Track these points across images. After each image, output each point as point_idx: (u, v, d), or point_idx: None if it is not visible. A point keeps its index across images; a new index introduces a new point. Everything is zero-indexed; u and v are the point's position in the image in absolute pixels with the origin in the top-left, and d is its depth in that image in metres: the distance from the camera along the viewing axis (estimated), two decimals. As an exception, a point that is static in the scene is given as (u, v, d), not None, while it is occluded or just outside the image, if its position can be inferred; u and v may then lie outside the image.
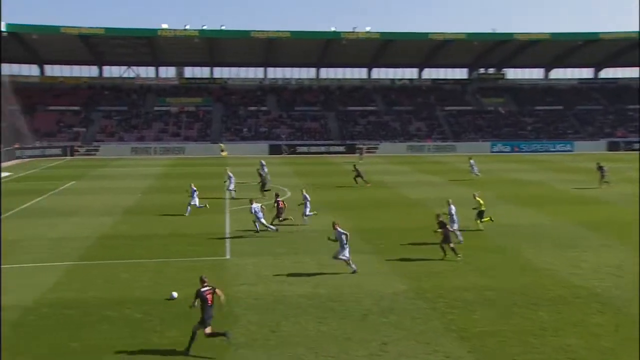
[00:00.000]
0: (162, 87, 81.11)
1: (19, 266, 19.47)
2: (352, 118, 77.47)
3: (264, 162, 40.84)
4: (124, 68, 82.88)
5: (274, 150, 67.16)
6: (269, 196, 31.96)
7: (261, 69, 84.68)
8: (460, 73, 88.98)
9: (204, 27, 72.29)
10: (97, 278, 18.09)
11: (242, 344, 13.28)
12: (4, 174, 46.83)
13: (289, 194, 35.60)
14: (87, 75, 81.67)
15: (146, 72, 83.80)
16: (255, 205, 24.34)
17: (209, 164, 55.26)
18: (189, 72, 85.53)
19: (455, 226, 22.48)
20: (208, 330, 12.94)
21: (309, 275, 18.44)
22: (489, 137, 73.38)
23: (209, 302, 13.03)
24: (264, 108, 78.84)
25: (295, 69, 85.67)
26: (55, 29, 68.98)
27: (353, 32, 74.47)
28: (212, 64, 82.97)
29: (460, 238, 22.31)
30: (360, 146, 62.77)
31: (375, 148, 68.85)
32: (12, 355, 12.68)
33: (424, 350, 12.99)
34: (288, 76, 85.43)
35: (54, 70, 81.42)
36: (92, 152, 65.53)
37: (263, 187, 34.73)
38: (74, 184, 41.09)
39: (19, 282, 17.58)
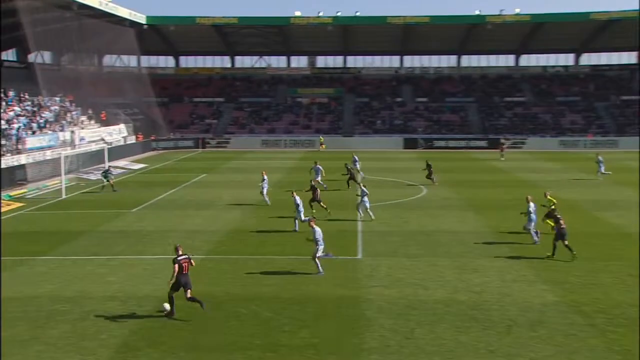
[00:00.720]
0: (293, 77, 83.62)
1: (153, 257, 21.04)
2: (496, 110, 74.88)
3: (357, 157, 41.17)
4: (255, 58, 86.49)
5: (410, 144, 66.71)
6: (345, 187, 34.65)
7: (397, 58, 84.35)
8: (628, 57, 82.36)
9: (338, 14, 73.40)
10: (227, 273, 19.04)
11: (374, 349, 13.34)
12: (140, 165, 50.90)
13: (424, 191, 35.21)
14: (219, 66, 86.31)
15: (277, 62, 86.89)
16: (298, 197, 25.09)
17: (340, 157, 56.01)
18: (321, 61, 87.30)
19: (532, 225, 22.32)
20: (189, 294, 15.22)
21: (446, 279, 18.12)
22: (662, 131, 67.46)
23: (185, 269, 15.28)
24: (399, 99, 78.55)
25: (434, 57, 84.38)
26: (191, 19, 73.59)
27: (500, 15, 71.74)
28: (345, 52, 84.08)
29: (536, 238, 22.16)
30: (503, 140, 60.21)
31: (522, 143, 66.00)
32: (149, 344, 13.74)
33: (580, 371, 12.26)
34: (426, 65, 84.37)
35: (188, 62, 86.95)
36: (223, 145, 69.10)
37: (350, 179, 36.07)
38: (205, 176, 43.58)
39: (154, 274, 18.98)
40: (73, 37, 57.81)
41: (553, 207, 23.55)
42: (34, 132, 47.84)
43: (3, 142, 43.15)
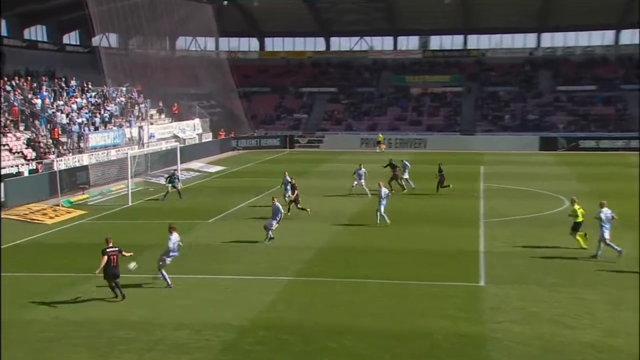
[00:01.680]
0: (400, 62, 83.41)
1: (232, 277, 21.57)
2: (667, 99, 71.17)
3: (408, 164, 40.46)
4: (354, 39, 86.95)
5: (547, 144, 64.83)
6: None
7: (532, 36, 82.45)
8: None
9: (457, -17, 72.62)
10: (318, 299, 19.27)
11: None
12: (218, 168, 52.39)
13: (565, 204, 34.12)
14: (311, 49, 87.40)
15: (381, 43, 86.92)
16: (279, 205, 26.93)
17: (456, 160, 55.32)
18: (436, 42, 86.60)
19: (606, 234, 22.98)
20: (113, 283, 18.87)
21: (596, 316, 17.48)
22: None
23: (114, 262, 18.81)
24: (534, 88, 76.58)
25: (582, 34, 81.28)
26: (278, -7, 75.28)
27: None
28: (465, 30, 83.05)
29: (599, 252, 23.04)
30: None
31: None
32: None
33: None
34: (571, 44, 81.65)
35: (275, 44, 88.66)
36: (315, 144, 69.90)
37: (392, 179, 37.70)
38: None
39: (234, 297, 19.47)
40: (142, 17, 60.34)
41: (579, 219, 24.35)
42: (97, 128, 50.33)
43: (64, 139, 45.71)
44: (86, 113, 51.39)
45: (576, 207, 24.75)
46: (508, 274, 21.61)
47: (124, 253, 19.32)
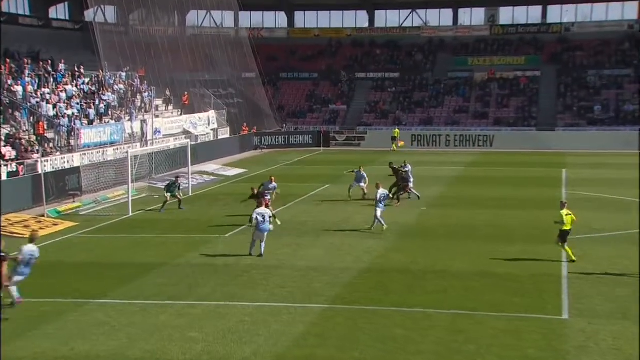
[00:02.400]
0: (461, 40, 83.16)
1: (253, 304, 21.57)
2: None
3: (409, 166, 41.47)
4: (405, 13, 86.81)
5: (648, 142, 64.02)
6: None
7: (632, 4, 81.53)
8: None
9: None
10: (359, 331, 19.16)
11: None
12: (236, 171, 52.55)
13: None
14: (351, 25, 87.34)
15: (438, 17, 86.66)
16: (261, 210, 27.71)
17: (532, 162, 54.85)
18: (506, 15, 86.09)
19: None
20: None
21: None
22: None
23: None
24: (635, 72, 75.53)
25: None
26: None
27: None
28: (543, 0, 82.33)
29: None
30: None
31: None
32: None
33: None
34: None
35: (307, 20, 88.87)
36: (355, 141, 69.92)
37: (396, 186, 39.03)
38: (328, 187, 44.37)
39: (255, 329, 19.47)
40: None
41: (566, 227, 25.56)
42: (91, 122, 50.75)
43: (51, 135, 46.18)
44: (77, 103, 51.78)
45: (564, 212, 25.61)
46: (597, 305, 21.31)
47: (4, 257, 20.41)
